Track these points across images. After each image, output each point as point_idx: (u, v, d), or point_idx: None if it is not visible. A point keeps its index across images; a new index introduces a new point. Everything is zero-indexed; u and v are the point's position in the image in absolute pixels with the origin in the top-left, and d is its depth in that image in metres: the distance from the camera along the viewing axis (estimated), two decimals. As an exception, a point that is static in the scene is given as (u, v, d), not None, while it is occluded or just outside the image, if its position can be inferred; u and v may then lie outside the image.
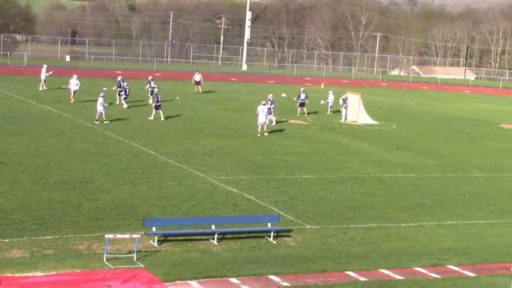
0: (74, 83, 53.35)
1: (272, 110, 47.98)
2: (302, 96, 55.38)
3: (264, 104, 44.60)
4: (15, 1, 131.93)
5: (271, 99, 48.60)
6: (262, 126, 44.48)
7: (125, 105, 52.02)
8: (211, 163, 34.91)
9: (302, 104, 55.40)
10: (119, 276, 19.26)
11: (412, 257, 22.76)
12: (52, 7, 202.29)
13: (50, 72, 61.99)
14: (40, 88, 60.66)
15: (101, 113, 44.23)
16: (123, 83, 53.50)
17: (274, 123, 48.16)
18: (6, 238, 21.82)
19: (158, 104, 47.22)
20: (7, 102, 51.46)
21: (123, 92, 52.66)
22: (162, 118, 46.94)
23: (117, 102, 51.89)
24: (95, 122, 43.97)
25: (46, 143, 37.02)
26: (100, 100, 44.27)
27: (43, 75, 61.24)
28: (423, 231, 26.16)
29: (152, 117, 47.13)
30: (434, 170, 37.52)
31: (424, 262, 22.29)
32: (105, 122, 44.22)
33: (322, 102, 57.61)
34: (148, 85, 56.82)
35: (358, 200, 29.84)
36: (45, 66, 62.50)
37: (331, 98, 57.50)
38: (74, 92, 53.37)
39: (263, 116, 44.27)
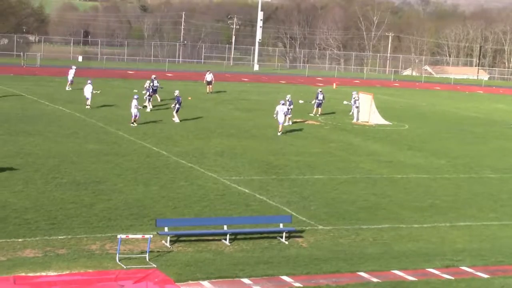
0: (88, 90, 51.37)
1: (290, 111, 48.06)
2: (320, 96, 55.07)
3: (283, 104, 45.02)
4: (28, 2, 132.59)
5: (289, 100, 48.65)
6: (280, 126, 44.86)
7: (148, 108, 51.49)
8: (223, 163, 34.92)
9: (319, 105, 55.16)
10: (132, 276, 19.31)
11: (425, 258, 22.69)
12: (65, 8, 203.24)
13: (74, 68, 62.54)
14: (67, 88, 61.03)
15: (136, 116, 43.71)
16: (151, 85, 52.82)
17: (288, 123, 48.16)
18: (19, 237, 21.91)
19: (179, 106, 46.66)
20: (20, 103, 51.66)
21: (148, 95, 51.73)
22: (177, 120, 46.66)
23: (150, 107, 51.48)
24: (131, 124, 43.55)
25: (59, 143, 37.13)
26: (134, 102, 43.65)
27: (70, 75, 61.59)
28: (436, 232, 26.07)
29: (178, 120, 46.55)
30: (447, 171, 37.39)
31: (437, 263, 22.22)
32: (133, 124, 43.62)
33: (345, 102, 57.57)
34: (151, 83, 56.53)
35: (370, 201, 29.77)
36: (74, 67, 63.17)
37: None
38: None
39: (282, 115, 44.60)
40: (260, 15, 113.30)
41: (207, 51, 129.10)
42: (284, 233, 23.72)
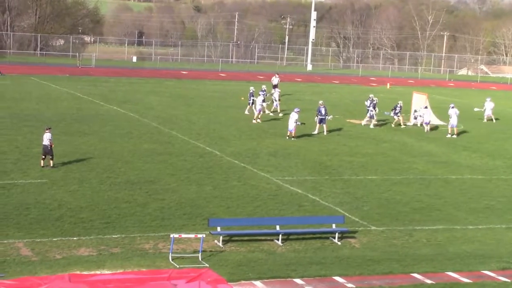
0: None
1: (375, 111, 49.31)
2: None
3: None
4: (84, 3, 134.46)
5: (371, 98, 49.44)
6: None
7: (266, 111, 50.55)
8: (276, 163, 34.89)
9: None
10: (184, 275, 19.40)
11: (480, 260, 22.35)
12: (119, 9, 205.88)
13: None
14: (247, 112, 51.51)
15: (291, 130, 41.91)
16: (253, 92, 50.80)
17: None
18: (74, 236, 22.23)
19: (323, 117, 44.78)
20: (75, 103, 52.39)
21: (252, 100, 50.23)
22: (325, 133, 44.73)
23: (246, 112, 50.67)
24: (287, 138, 41.76)
25: (114, 143, 37.53)
26: (295, 116, 42.01)
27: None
28: (492, 234, 25.66)
29: (319, 131, 44.74)
30: (503, 172, 36.78)
31: (492, 265, 21.87)
32: (292, 139, 41.78)
33: (476, 109, 56.88)
34: (264, 93, 51.65)
35: (424, 202, 29.45)
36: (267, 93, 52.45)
37: (490, 105, 56.42)
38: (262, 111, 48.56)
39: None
40: (314, 15, 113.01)
41: (260, 51, 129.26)
42: (336, 234, 23.62)
